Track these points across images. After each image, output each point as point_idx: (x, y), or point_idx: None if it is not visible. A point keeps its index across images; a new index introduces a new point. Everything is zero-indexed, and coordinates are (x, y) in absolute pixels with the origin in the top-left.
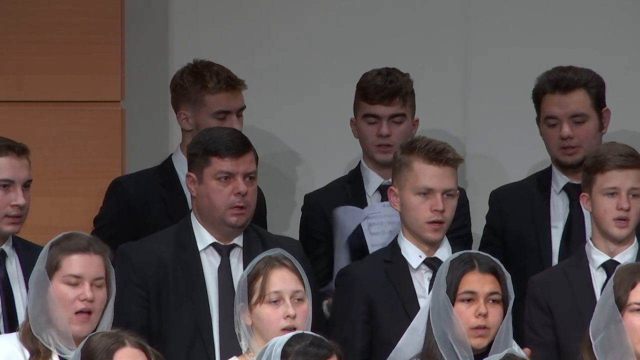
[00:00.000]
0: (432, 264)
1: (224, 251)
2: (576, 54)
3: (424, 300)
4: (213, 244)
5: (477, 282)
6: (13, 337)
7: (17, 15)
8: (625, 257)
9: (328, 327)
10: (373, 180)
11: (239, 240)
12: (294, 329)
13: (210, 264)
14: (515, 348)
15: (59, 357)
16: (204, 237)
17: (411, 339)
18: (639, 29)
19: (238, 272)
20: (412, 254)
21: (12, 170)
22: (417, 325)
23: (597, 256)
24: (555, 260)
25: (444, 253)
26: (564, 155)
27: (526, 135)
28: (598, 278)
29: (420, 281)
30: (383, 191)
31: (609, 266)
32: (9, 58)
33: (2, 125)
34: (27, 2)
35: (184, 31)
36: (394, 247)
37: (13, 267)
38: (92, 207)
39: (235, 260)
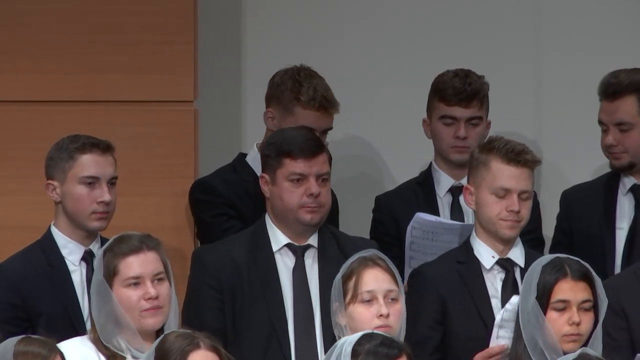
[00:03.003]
0: (504, 264)
1: (298, 252)
2: None
3: (497, 300)
4: (288, 245)
5: (570, 291)
6: (85, 340)
7: (90, 16)
8: None
9: None
10: (444, 181)
11: (313, 241)
12: (388, 328)
13: (284, 264)
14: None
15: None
16: (278, 238)
17: None
18: None
19: (313, 272)
20: (485, 254)
21: (97, 167)
22: None
23: None
24: (618, 262)
25: (517, 254)
26: (612, 159)
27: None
28: None
29: (493, 281)
30: (454, 193)
31: None
32: (82, 58)
33: (74, 126)
34: (100, 2)
35: (257, 30)
36: (466, 248)
37: None
38: (166, 207)
39: (310, 261)
